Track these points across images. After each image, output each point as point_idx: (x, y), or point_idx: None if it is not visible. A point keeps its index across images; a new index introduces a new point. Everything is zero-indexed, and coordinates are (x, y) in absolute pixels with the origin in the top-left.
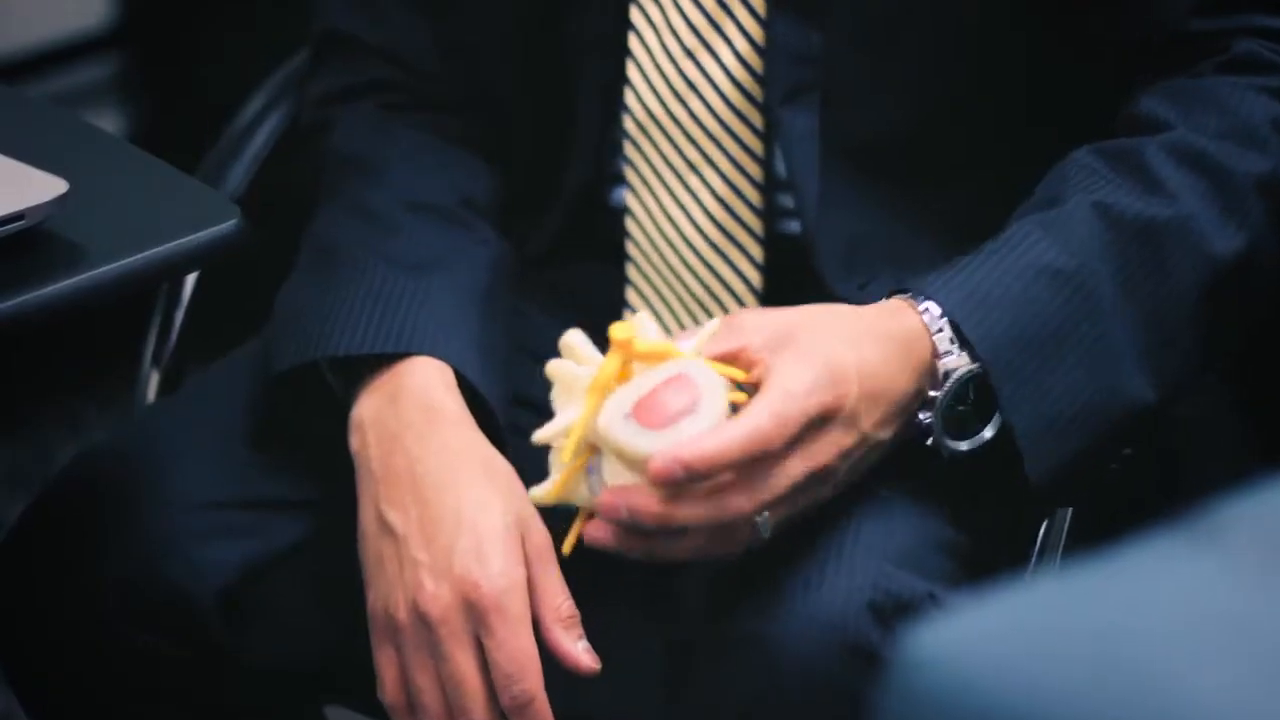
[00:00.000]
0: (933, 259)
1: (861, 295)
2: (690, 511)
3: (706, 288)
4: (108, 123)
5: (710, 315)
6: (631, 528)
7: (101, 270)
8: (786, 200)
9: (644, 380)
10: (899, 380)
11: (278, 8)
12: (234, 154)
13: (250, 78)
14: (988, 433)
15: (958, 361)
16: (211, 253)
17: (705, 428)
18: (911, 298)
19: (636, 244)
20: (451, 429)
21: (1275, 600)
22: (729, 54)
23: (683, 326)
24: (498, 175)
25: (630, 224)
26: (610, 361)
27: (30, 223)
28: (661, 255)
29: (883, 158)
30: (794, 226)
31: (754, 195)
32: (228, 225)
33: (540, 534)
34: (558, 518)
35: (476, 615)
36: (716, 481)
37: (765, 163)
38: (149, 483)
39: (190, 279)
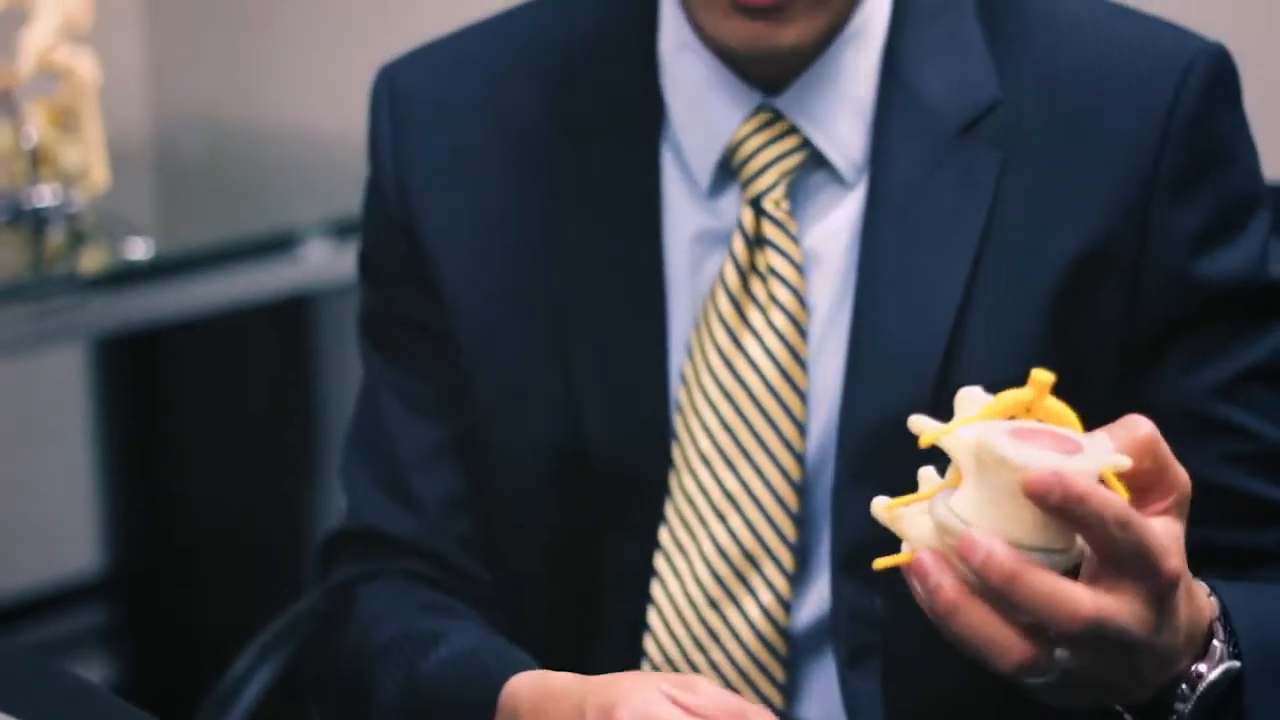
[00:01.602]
0: None
1: None
2: (1039, 579)
3: None
4: (96, 672)
5: None
6: (970, 577)
7: None
8: None
9: (1034, 424)
10: (1197, 625)
11: (268, 563)
12: (226, 707)
13: (242, 629)
14: None
15: (1227, 651)
16: None
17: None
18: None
19: None
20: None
21: None
22: (754, 607)
23: None
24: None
25: None
26: (1024, 391)
27: None
28: None
29: None
30: None
31: None
32: None
33: None
34: None
35: None
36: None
37: (784, 717)
38: None
39: None
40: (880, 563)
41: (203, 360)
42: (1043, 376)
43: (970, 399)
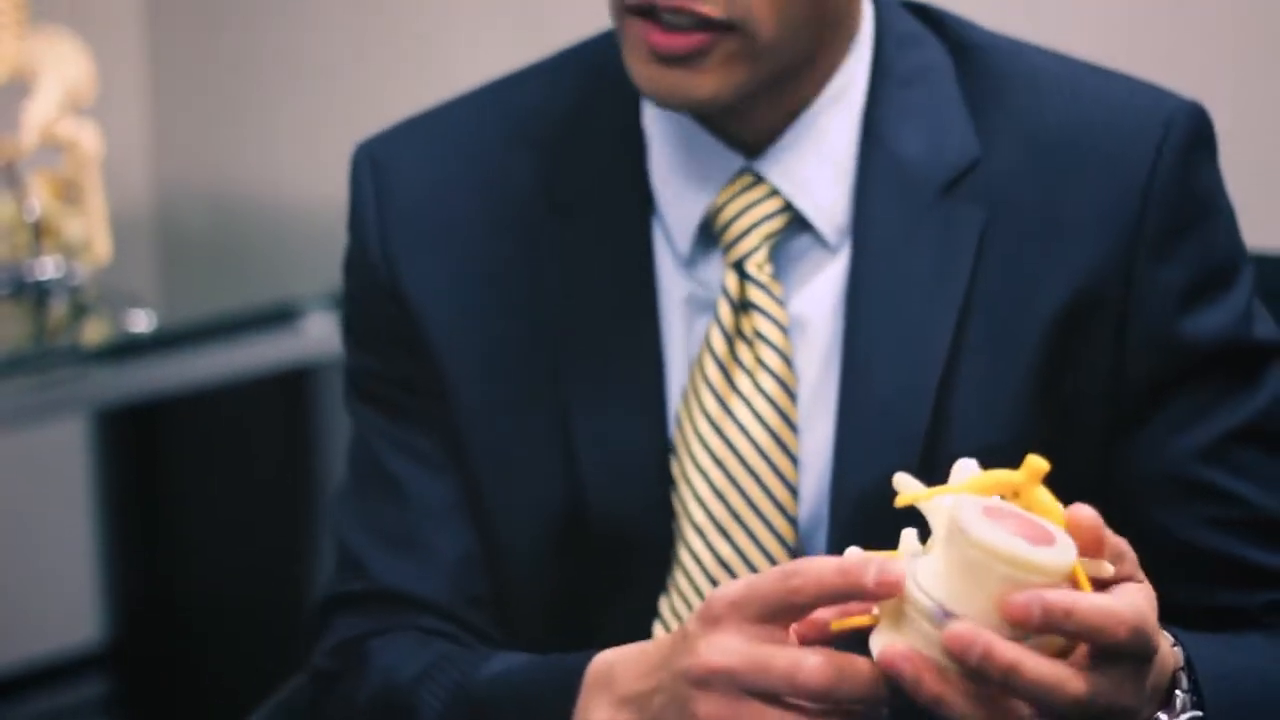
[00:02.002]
0: None
1: None
2: (1036, 665)
3: None
4: None
5: None
6: (967, 671)
7: None
8: None
9: (1012, 508)
10: (1162, 675)
11: (270, 635)
12: None
13: (244, 701)
14: None
15: (1190, 700)
16: None
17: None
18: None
19: None
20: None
21: None
22: None
23: None
24: None
25: None
26: (1014, 474)
27: None
28: None
29: None
30: None
31: None
32: None
33: None
34: None
35: None
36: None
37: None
38: None
39: None
40: (838, 625)
41: (204, 432)
42: (1037, 463)
43: (964, 469)
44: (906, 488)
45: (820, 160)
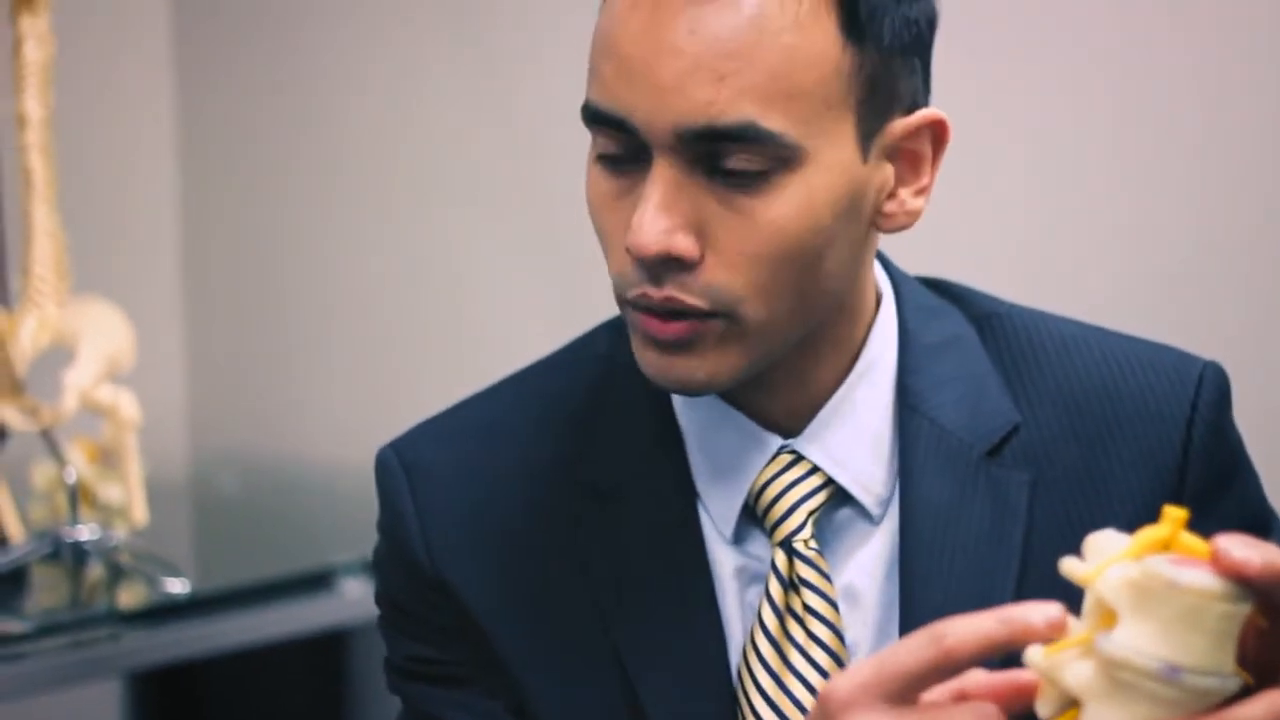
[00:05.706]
0: None
1: None
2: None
3: None
4: None
5: None
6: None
7: None
8: None
9: (1180, 556)
10: None
11: None
12: None
13: None
14: None
15: None
16: None
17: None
18: None
19: None
20: None
21: None
22: None
23: None
24: None
25: None
26: (1160, 528)
27: None
28: None
29: None
30: None
31: None
32: None
33: None
34: None
35: None
36: None
37: None
38: None
39: None
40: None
41: (239, 695)
42: (1176, 512)
43: (1105, 539)
44: (1074, 569)
45: (858, 435)
